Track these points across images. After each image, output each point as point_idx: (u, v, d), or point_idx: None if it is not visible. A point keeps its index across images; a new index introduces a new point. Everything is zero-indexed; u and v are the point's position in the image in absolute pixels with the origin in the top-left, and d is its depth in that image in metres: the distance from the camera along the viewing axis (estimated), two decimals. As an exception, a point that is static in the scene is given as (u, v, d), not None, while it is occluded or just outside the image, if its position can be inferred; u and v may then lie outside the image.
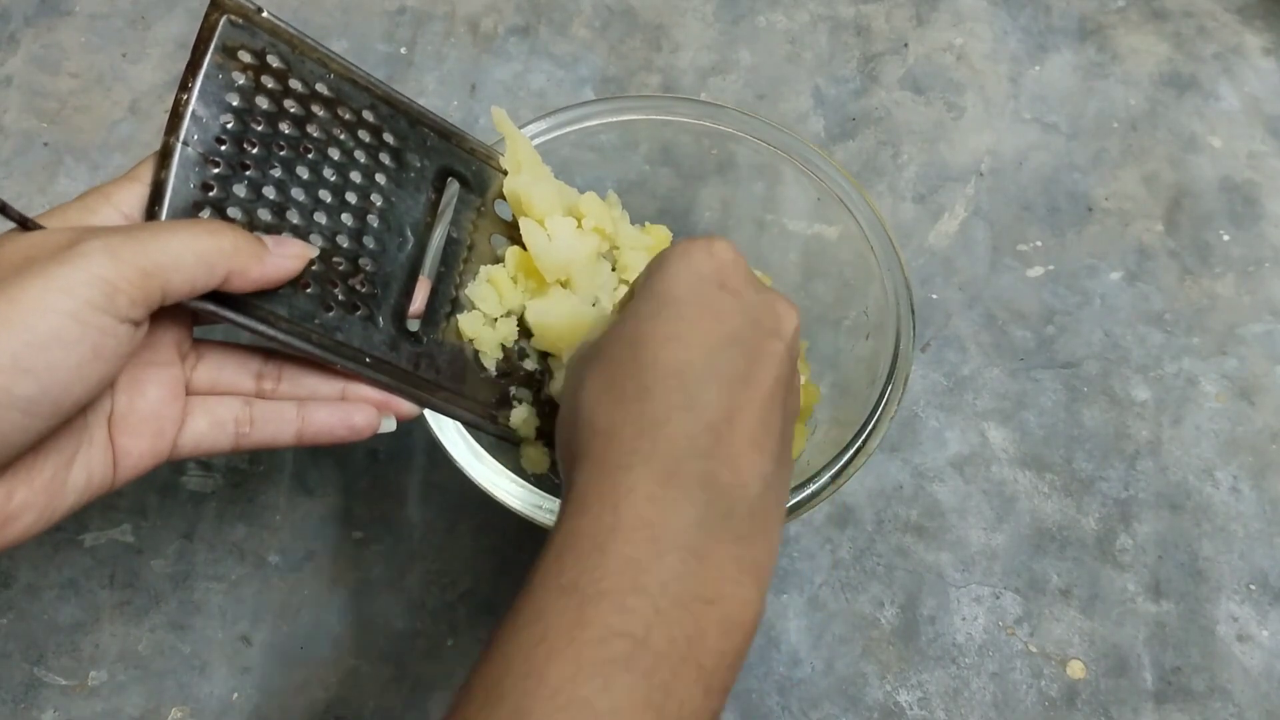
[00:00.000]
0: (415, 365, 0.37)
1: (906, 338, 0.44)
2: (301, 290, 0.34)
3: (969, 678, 0.49)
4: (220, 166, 0.32)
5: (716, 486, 0.29)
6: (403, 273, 0.37)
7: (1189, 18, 0.69)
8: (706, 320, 0.31)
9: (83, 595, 0.49)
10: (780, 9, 0.68)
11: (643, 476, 0.28)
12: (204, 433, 0.34)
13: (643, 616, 0.26)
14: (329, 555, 0.51)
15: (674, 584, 0.27)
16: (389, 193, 0.37)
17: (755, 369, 0.31)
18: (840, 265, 0.49)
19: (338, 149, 0.35)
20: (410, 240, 0.37)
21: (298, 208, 0.34)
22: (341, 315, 0.35)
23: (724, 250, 0.33)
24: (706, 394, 0.30)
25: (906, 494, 0.53)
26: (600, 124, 0.48)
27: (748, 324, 0.32)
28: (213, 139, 0.32)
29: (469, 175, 0.40)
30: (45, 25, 0.66)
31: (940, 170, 0.62)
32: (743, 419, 0.30)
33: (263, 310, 0.33)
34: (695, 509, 0.28)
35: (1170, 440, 0.54)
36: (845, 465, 0.42)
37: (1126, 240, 0.60)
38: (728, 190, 0.51)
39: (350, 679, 0.48)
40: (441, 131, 0.39)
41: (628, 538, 0.27)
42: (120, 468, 0.32)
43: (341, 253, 0.35)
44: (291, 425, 0.35)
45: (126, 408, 0.32)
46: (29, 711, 0.47)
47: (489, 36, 0.66)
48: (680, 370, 0.30)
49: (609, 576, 0.27)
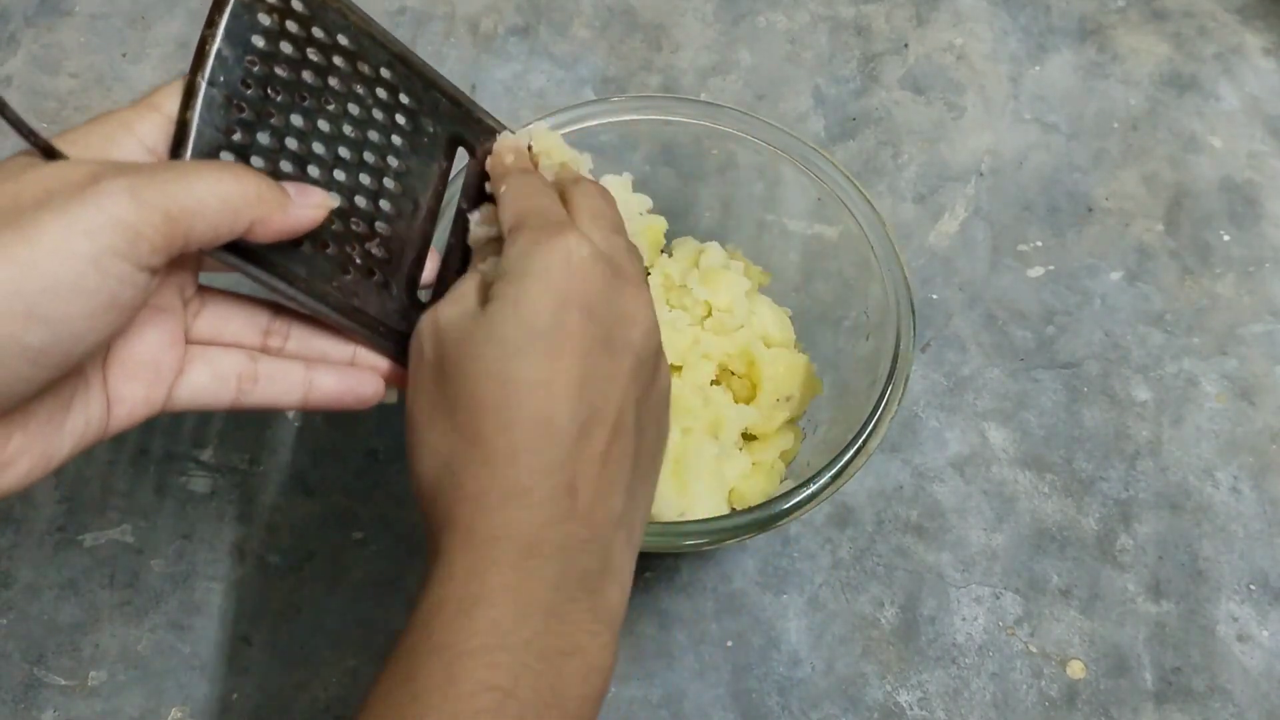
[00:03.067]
0: None
1: (906, 338, 0.44)
2: (321, 250, 0.33)
3: (969, 678, 0.49)
4: (245, 111, 0.31)
5: (572, 548, 0.30)
6: (416, 240, 0.36)
7: (1189, 18, 0.69)
8: (567, 358, 0.31)
9: (83, 595, 0.49)
10: (780, 9, 0.68)
11: (508, 549, 0.30)
12: (203, 385, 0.33)
13: (510, 670, 0.28)
14: (329, 555, 0.51)
15: (536, 641, 0.29)
16: (404, 156, 0.36)
17: (607, 402, 0.32)
18: (840, 265, 0.49)
19: (357, 104, 0.35)
20: (423, 208, 0.37)
21: (318, 162, 0.33)
22: (358, 279, 0.34)
23: (579, 255, 0.32)
24: (566, 449, 0.31)
25: (906, 494, 0.53)
26: (600, 124, 0.48)
27: (600, 349, 0.32)
28: (238, 81, 0.31)
29: (475, 144, 0.39)
30: (45, 25, 0.66)
31: (940, 170, 0.62)
32: (594, 466, 0.31)
33: (282, 267, 0.32)
34: (554, 573, 0.30)
35: (1170, 440, 0.54)
36: (845, 465, 0.42)
37: (1127, 240, 0.60)
38: (728, 190, 0.51)
39: (350, 679, 0.48)
40: (453, 98, 0.38)
41: (492, 602, 0.29)
42: (114, 414, 0.31)
43: (359, 214, 0.34)
44: (298, 388, 0.34)
45: (123, 352, 0.31)
46: (29, 711, 0.47)
47: (489, 36, 0.66)
48: (546, 424, 0.30)
49: (477, 636, 0.28)
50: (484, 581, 0.29)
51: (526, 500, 0.30)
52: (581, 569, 0.30)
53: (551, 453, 0.30)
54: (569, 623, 0.30)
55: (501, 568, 0.29)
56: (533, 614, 0.29)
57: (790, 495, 0.41)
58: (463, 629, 0.29)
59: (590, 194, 0.36)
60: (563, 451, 0.30)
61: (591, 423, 0.31)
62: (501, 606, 0.29)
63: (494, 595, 0.29)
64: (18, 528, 0.51)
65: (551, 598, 0.30)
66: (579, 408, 0.31)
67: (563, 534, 0.30)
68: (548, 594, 0.30)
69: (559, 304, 0.31)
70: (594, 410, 0.31)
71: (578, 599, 0.30)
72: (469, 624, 0.29)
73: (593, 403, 0.31)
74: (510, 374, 0.31)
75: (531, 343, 0.31)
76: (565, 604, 0.30)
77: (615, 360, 0.32)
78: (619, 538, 0.32)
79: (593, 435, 0.31)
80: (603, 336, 0.32)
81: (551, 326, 0.31)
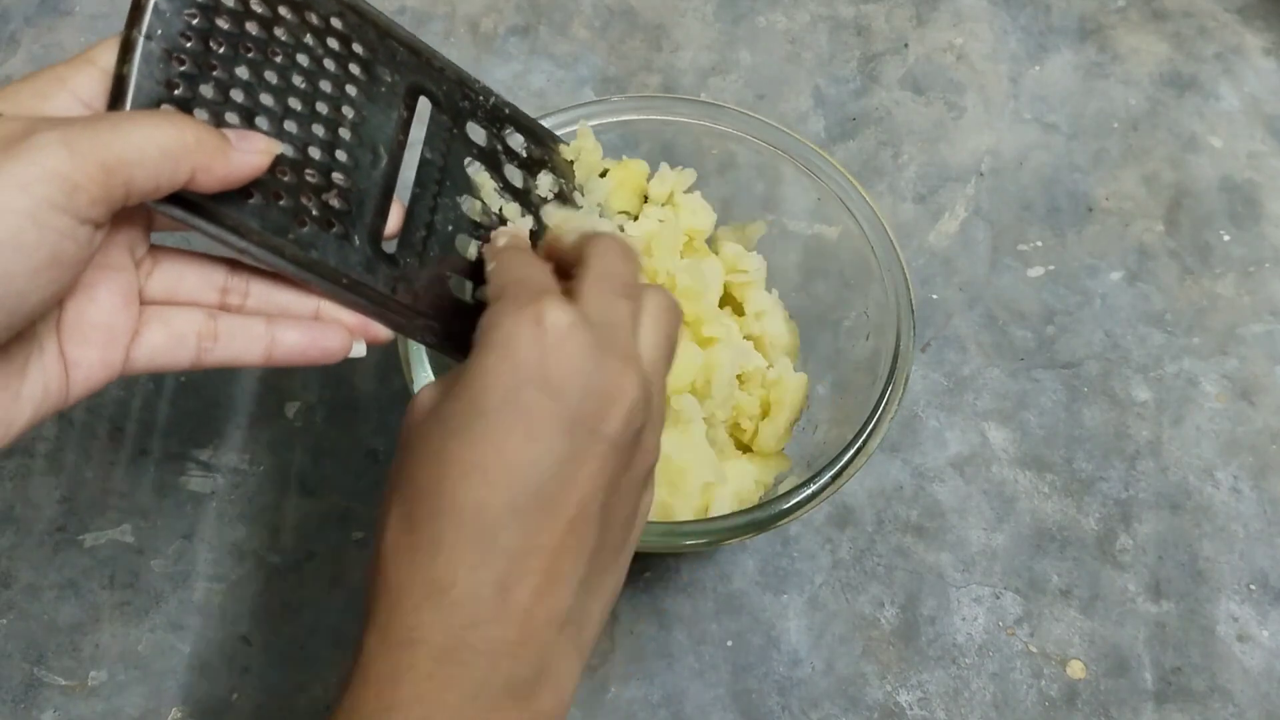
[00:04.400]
0: (392, 289, 0.35)
1: (906, 338, 0.44)
2: (274, 201, 0.32)
3: (969, 678, 0.49)
4: (185, 64, 0.31)
5: (497, 653, 0.28)
6: (377, 190, 0.35)
7: (1189, 18, 0.69)
8: (514, 440, 0.28)
9: (83, 595, 0.49)
10: (780, 9, 0.68)
11: (422, 654, 0.28)
12: (161, 345, 0.32)
13: None
14: (329, 555, 0.51)
15: None
16: (360, 105, 0.35)
17: (563, 490, 0.29)
18: (840, 265, 0.49)
19: (306, 55, 0.34)
20: (383, 158, 0.36)
21: (266, 113, 0.32)
22: (316, 231, 0.33)
23: (553, 324, 0.29)
24: (500, 540, 0.28)
25: (906, 494, 0.53)
26: (600, 124, 0.48)
27: (563, 431, 0.29)
28: (177, 34, 0.31)
29: (440, 95, 0.38)
30: (45, 25, 0.66)
31: (940, 170, 0.62)
32: (537, 561, 0.28)
33: (234, 220, 0.31)
34: (473, 681, 0.28)
35: (1170, 440, 0.54)
36: (845, 465, 0.42)
37: (1127, 240, 0.60)
38: (728, 190, 0.51)
39: (350, 679, 0.48)
40: (411, 47, 0.37)
41: (405, 714, 0.27)
42: (72, 380, 0.30)
43: (314, 164, 0.33)
44: (260, 343, 0.33)
45: (75, 314, 0.30)
46: (29, 711, 0.47)
47: (489, 36, 0.66)
48: (477, 514, 0.28)
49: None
50: (395, 691, 0.27)
51: (445, 599, 0.28)
52: (507, 676, 0.28)
53: (479, 544, 0.28)
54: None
55: (415, 676, 0.27)
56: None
57: (790, 495, 0.41)
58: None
59: (605, 251, 0.33)
60: (493, 543, 0.28)
61: (537, 511, 0.28)
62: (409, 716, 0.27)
63: (406, 705, 0.27)
64: (18, 528, 0.51)
65: (468, 710, 0.27)
66: (520, 495, 0.28)
67: (487, 637, 0.28)
68: (463, 705, 0.27)
69: (514, 379, 0.29)
70: (542, 498, 0.28)
71: (501, 709, 0.28)
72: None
73: (541, 490, 0.28)
74: (446, 455, 0.29)
75: (475, 421, 0.29)
76: (486, 713, 0.28)
77: (581, 444, 0.29)
78: (561, 640, 0.29)
79: (537, 526, 0.28)
80: (568, 417, 0.29)
81: (501, 404, 0.29)
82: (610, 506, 0.30)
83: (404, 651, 0.28)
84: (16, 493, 0.51)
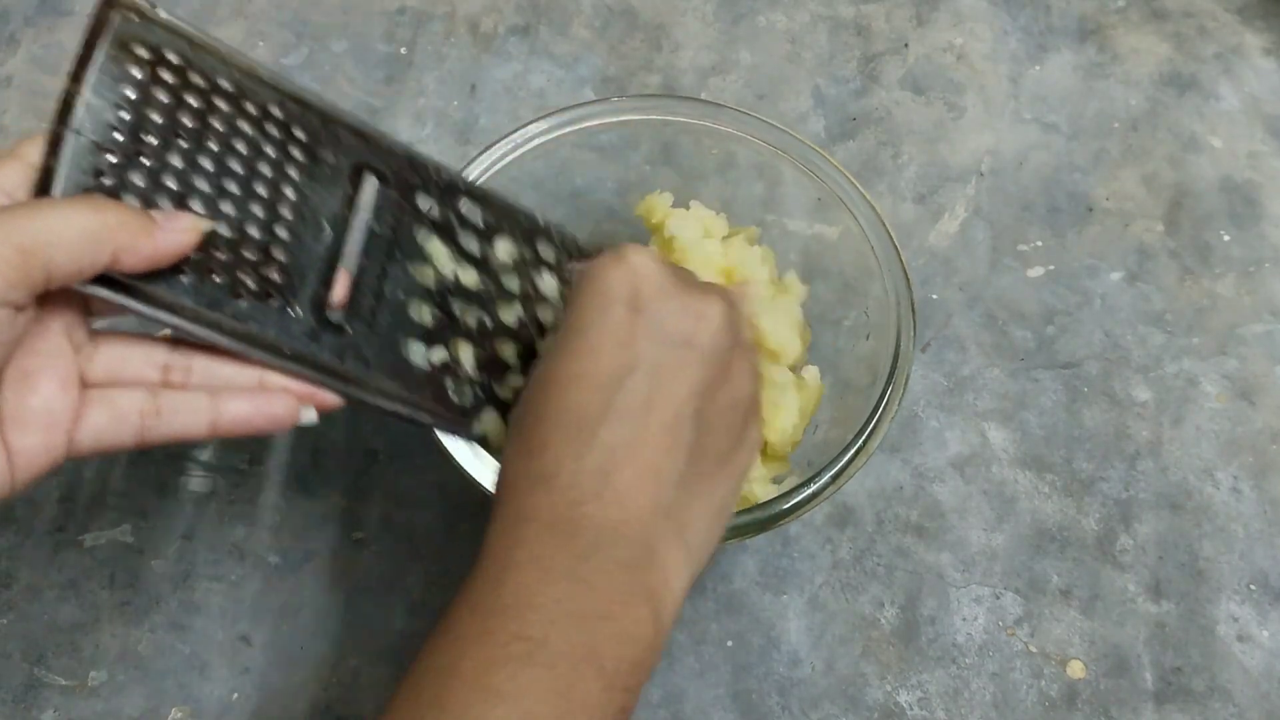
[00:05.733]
0: (340, 357, 0.36)
1: (906, 338, 0.44)
2: (208, 278, 0.33)
3: (969, 678, 0.49)
4: (115, 155, 0.31)
5: (602, 528, 0.31)
6: (321, 263, 0.36)
7: (1189, 18, 0.69)
8: (609, 352, 0.32)
9: (83, 595, 0.49)
10: (780, 9, 0.68)
11: (533, 527, 0.31)
12: (104, 427, 0.32)
13: (539, 625, 0.30)
14: (329, 555, 0.51)
15: (566, 602, 0.30)
16: (302, 186, 0.36)
17: (658, 394, 0.32)
18: (840, 265, 0.49)
19: (243, 141, 0.34)
20: (328, 232, 0.36)
21: (201, 197, 0.33)
22: (254, 304, 0.34)
23: (640, 262, 0.34)
24: (600, 436, 0.32)
25: (906, 494, 0.53)
26: (600, 124, 0.48)
27: (656, 343, 0.33)
28: (106, 127, 0.31)
29: (388, 172, 0.39)
30: (45, 25, 0.66)
31: (940, 170, 0.62)
32: (635, 453, 0.32)
33: (166, 298, 0.32)
34: (581, 545, 0.31)
35: (1170, 440, 0.54)
36: (845, 465, 0.42)
37: (1127, 240, 0.60)
38: (728, 190, 0.51)
39: (350, 679, 0.48)
40: (356, 131, 0.38)
41: (521, 569, 0.31)
42: (16, 468, 0.30)
43: (251, 242, 0.34)
44: (204, 416, 0.33)
45: (15, 403, 0.30)
46: (29, 711, 0.47)
47: (489, 36, 0.66)
48: (579, 414, 0.32)
49: (506, 597, 0.30)
50: (511, 554, 0.31)
51: (552, 484, 0.31)
52: (613, 548, 0.31)
53: (579, 439, 0.32)
54: (598, 590, 0.30)
55: (527, 543, 0.31)
56: (559, 579, 0.30)
57: (790, 495, 0.41)
58: (494, 592, 0.30)
59: None
60: (593, 438, 0.31)
61: (634, 410, 0.32)
62: (527, 572, 0.30)
63: (520, 564, 0.31)
64: (18, 528, 0.51)
65: (576, 566, 0.30)
66: (615, 397, 0.32)
67: (591, 514, 0.31)
68: (572, 562, 0.30)
69: (605, 300, 0.33)
70: (638, 400, 0.32)
71: (609, 572, 0.31)
72: (499, 588, 0.30)
73: (635, 391, 0.32)
74: (550, 374, 0.33)
75: (572, 341, 0.33)
76: (593, 574, 0.31)
77: (672, 351, 0.33)
78: (665, 527, 0.32)
79: (635, 425, 0.32)
80: (657, 328, 0.33)
81: (595, 321, 0.33)
82: (706, 414, 0.33)
83: (518, 527, 0.31)
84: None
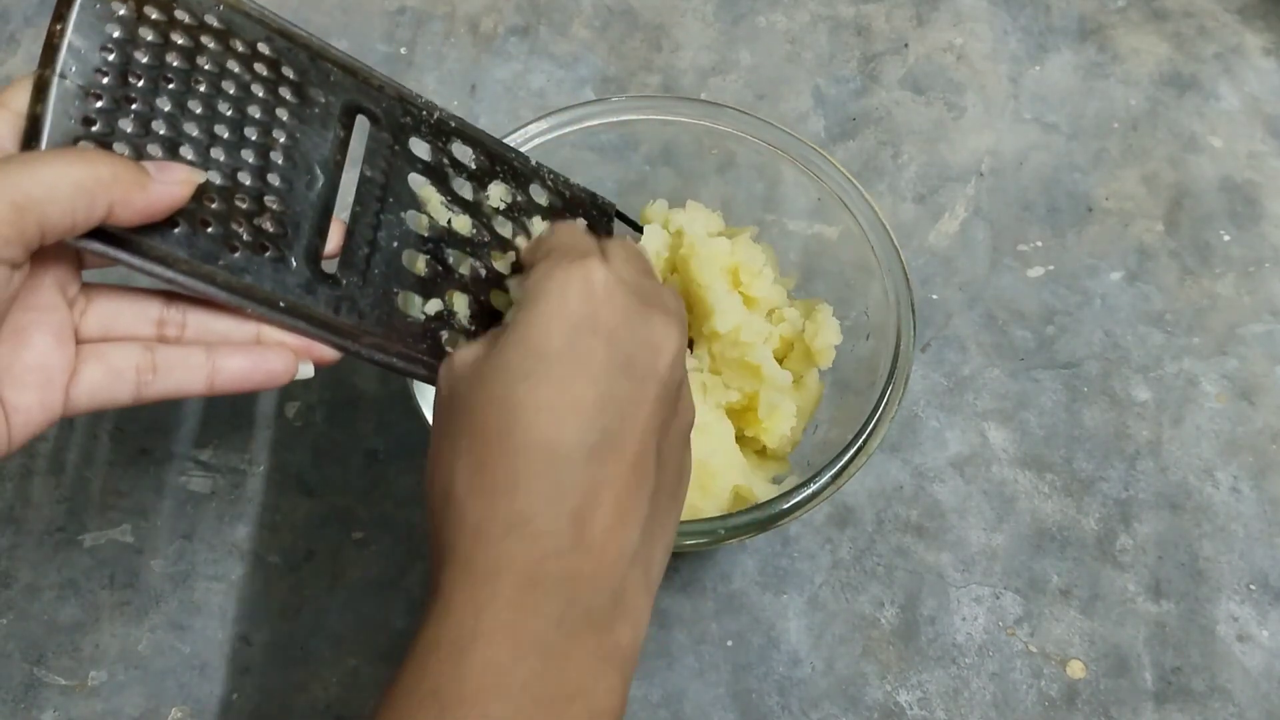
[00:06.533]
0: (335, 309, 0.35)
1: (906, 338, 0.44)
2: (202, 229, 0.32)
3: (969, 678, 0.49)
4: (103, 100, 0.30)
5: (577, 581, 0.29)
6: (314, 212, 0.35)
7: (1189, 18, 0.69)
8: (579, 381, 0.30)
9: (83, 595, 0.49)
10: (780, 9, 0.68)
11: (506, 583, 0.29)
12: (99, 383, 0.31)
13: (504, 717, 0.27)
14: (329, 555, 0.51)
15: (534, 684, 0.28)
16: (293, 129, 0.35)
17: (625, 428, 0.30)
18: (840, 265, 0.49)
19: (233, 82, 0.33)
20: (320, 178, 0.35)
21: (192, 143, 0.32)
22: (248, 256, 0.33)
23: (600, 280, 0.32)
24: (572, 476, 0.30)
25: (906, 494, 0.53)
26: (600, 124, 0.48)
27: (620, 374, 0.31)
28: (93, 71, 0.30)
29: (379, 113, 0.37)
30: (45, 25, 0.65)
31: (940, 170, 0.62)
32: (607, 494, 0.30)
33: (160, 251, 0.31)
34: (556, 608, 0.29)
35: (1170, 440, 0.54)
36: (845, 465, 0.42)
37: (1127, 240, 0.60)
38: (728, 190, 0.51)
39: (350, 679, 0.48)
40: (346, 67, 0.37)
41: (489, 640, 0.28)
42: (13, 425, 0.30)
43: (244, 190, 0.33)
44: (200, 372, 0.32)
45: (9, 359, 0.30)
46: (29, 711, 0.47)
47: (489, 36, 0.66)
48: (550, 451, 0.30)
49: (470, 679, 0.27)
50: (480, 618, 0.28)
51: (527, 530, 0.29)
52: (587, 605, 0.29)
53: (555, 478, 0.29)
54: (572, 663, 0.28)
55: (499, 604, 0.28)
56: (530, 654, 0.28)
57: (790, 495, 0.41)
58: (457, 673, 0.28)
59: (623, 245, 0.36)
60: (568, 477, 0.29)
61: (604, 448, 0.30)
62: (498, 645, 0.28)
63: (491, 633, 0.28)
64: (18, 528, 0.51)
65: (552, 635, 0.28)
66: (588, 432, 0.30)
67: (567, 566, 0.29)
68: (548, 631, 0.28)
69: (572, 326, 0.31)
70: (608, 435, 0.30)
71: (581, 637, 0.29)
72: (464, 666, 0.28)
73: (607, 428, 0.30)
74: (515, 399, 0.30)
75: (538, 365, 0.30)
76: (567, 642, 0.28)
77: (636, 386, 0.31)
78: (633, 575, 0.31)
79: (605, 461, 0.30)
80: (623, 361, 0.31)
81: (562, 349, 0.31)
82: (662, 450, 0.32)
83: (487, 581, 0.29)
84: (16, 493, 0.51)
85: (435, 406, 0.34)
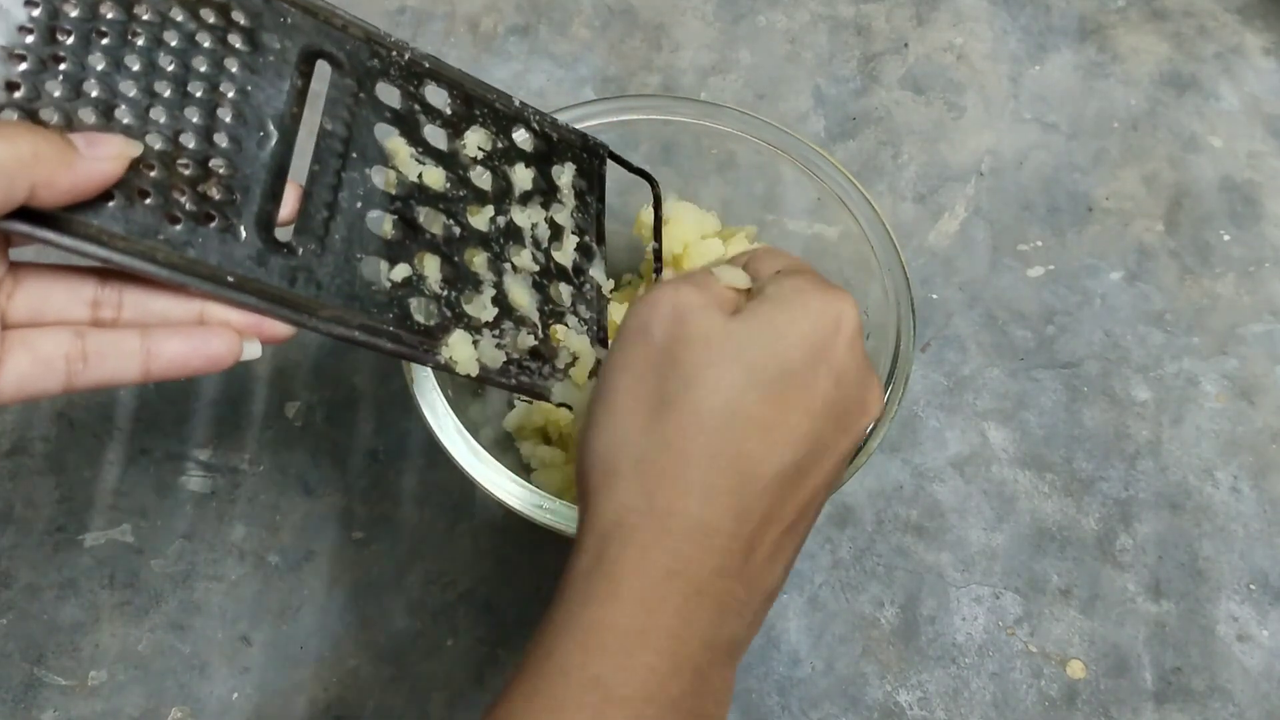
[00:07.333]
0: (290, 281, 0.32)
1: (906, 338, 0.44)
2: (140, 201, 0.29)
3: (969, 678, 0.49)
4: (27, 61, 0.27)
5: (729, 607, 0.29)
6: (267, 174, 0.32)
7: (1189, 18, 0.69)
8: (799, 411, 0.30)
9: (83, 595, 0.49)
10: (780, 9, 0.68)
11: (678, 587, 0.28)
12: (26, 374, 0.29)
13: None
14: (329, 555, 0.51)
15: (683, 702, 0.28)
16: (243, 81, 0.31)
17: (814, 470, 0.31)
18: (840, 265, 0.49)
19: (175, 32, 0.30)
20: (274, 135, 0.32)
21: (129, 104, 0.29)
22: (192, 228, 0.30)
23: (853, 320, 0.31)
24: (760, 501, 0.29)
25: (906, 494, 0.53)
26: (600, 124, 0.48)
27: (832, 418, 0.31)
28: (14, 28, 0.27)
29: (342, 56, 0.34)
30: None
31: (940, 170, 0.62)
32: (776, 528, 0.30)
33: (92, 228, 0.28)
34: (708, 629, 0.29)
35: (1170, 440, 0.54)
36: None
37: (1127, 240, 0.60)
38: (728, 190, 0.51)
39: (350, 679, 0.48)
40: (304, 7, 0.33)
41: (656, 647, 0.28)
42: None
43: (187, 154, 0.30)
44: (134, 360, 0.30)
45: None
46: (29, 711, 0.47)
47: (489, 36, 0.66)
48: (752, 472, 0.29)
49: (634, 682, 0.27)
50: (651, 617, 0.28)
51: (710, 542, 0.29)
52: (731, 632, 0.29)
53: (745, 498, 0.29)
54: (708, 686, 0.29)
55: (668, 608, 0.28)
56: (685, 670, 0.28)
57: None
58: (623, 668, 0.28)
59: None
60: (756, 502, 0.29)
61: (791, 482, 0.30)
62: (663, 654, 0.28)
63: (658, 638, 0.28)
64: (18, 528, 0.51)
65: (702, 656, 0.28)
66: (786, 466, 0.30)
67: (729, 588, 0.29)
68: (701, 651, 0.28)
69: (817, 355, 0.31)
70: (800, 471, 0.30)
71: (719, 664, 0.29)
72: (629, 666, 0.28)
73: (800, 464, 0.30)
74: (743, 404, 0.30)
75: (776, 380, 0.30)
76: (711, 665, 0.29)
77: (837, 435, 0.31)
78: (763, 612, 0.31)
79: (787, 496, 0.30)
80: (840, 411, 0.31)
81: (802, 372, 0.30)
82: (821, 504, 0.32)
83: (665, 582, 0.28)
84: (16, 493, 0.51)
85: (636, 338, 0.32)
